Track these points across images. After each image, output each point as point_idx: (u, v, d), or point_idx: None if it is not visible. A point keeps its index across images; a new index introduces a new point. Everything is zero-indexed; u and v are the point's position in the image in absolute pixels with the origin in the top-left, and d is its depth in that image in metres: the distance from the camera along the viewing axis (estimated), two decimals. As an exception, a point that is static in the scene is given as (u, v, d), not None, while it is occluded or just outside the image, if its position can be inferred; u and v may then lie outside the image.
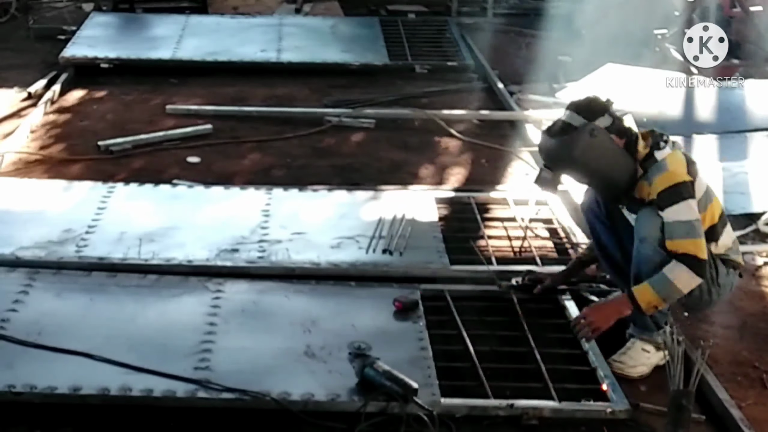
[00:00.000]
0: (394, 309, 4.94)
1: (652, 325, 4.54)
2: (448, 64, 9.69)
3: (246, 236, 5.69)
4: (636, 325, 4.60)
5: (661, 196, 4.33)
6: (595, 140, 4.34)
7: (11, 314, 4.73)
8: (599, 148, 4.37)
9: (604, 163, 4.41)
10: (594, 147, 4.36)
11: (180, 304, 4.96)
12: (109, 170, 6.87)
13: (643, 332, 4.57)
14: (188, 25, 10.50)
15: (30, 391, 4.13)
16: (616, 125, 4.40)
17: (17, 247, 5.41)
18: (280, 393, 4.18)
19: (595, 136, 4.34)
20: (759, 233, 6.25)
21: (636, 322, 4.58)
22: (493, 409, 4.25)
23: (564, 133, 4.40)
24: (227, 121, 7.97)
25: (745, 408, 4.41)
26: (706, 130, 7.73)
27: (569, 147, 4.37)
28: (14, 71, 9.29)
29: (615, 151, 4.39)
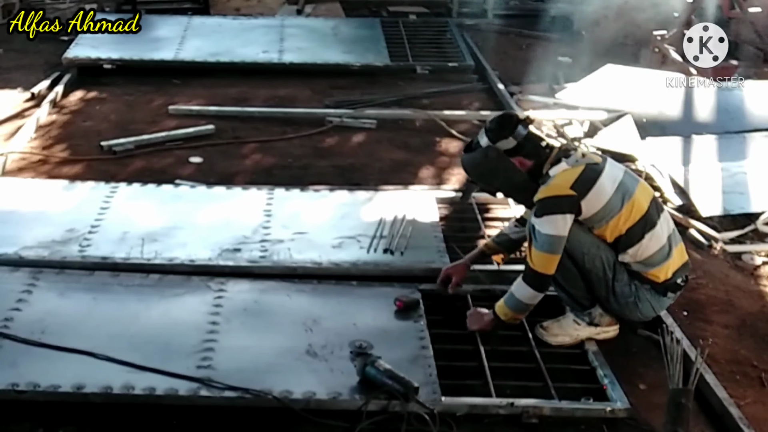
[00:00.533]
0: (395, 308, 4.95)
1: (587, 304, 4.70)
2: (448, 65, 9.69)
3: (248, 236, 5.69)
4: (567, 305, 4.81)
5: (536, 206, 4.52)
6: (490, 161, 4.58)
7: (15, 313, 4.73)
8: (495, 169, 4.60)
9: (499, 180, 4.66)
10: (489, 167, 4.61)
11: (182, 304, 4.96)
12: (112, 170, 6.88)
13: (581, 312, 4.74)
14: (190, 26, 10.50)
15: (33, 390, 4.14)
16: (520, 147, 4.56)
17: (21, 246, 5.41)
18: (282, 391, 4.18)
19: (491, 158, 4.58)
20: (757, 233, 6.25)
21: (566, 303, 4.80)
22: (494, 408, 4.25)
23: (470, 149, 4.67)
24: (229, 122, 7.97)
25: (744, 406, 4.41)
26: (705, 130, 7.72)
27: (471, 164, 4.68)
28: (18, 72, 9.31)
29: (509, 172, 4.58)
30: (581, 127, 7.92)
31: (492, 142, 4.55)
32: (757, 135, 7.61)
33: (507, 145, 4.54)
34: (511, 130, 4.55)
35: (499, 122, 4.65)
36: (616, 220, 4.52)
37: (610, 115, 7.90)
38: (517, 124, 4.59)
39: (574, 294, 4.67)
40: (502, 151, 4.54)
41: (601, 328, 4.73)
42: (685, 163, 7.05)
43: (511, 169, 4.56)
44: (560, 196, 4.45)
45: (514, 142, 4.54)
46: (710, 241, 6.07)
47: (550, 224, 4.44)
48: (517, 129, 4.56)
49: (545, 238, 4.44)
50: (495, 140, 4.55)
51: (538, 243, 4.47)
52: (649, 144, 7.31)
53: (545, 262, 4.48)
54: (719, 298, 5.20)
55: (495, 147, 4.54)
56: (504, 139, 4.54)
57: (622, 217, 4.53)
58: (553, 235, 4.43)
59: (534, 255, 4.50)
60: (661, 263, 4.61)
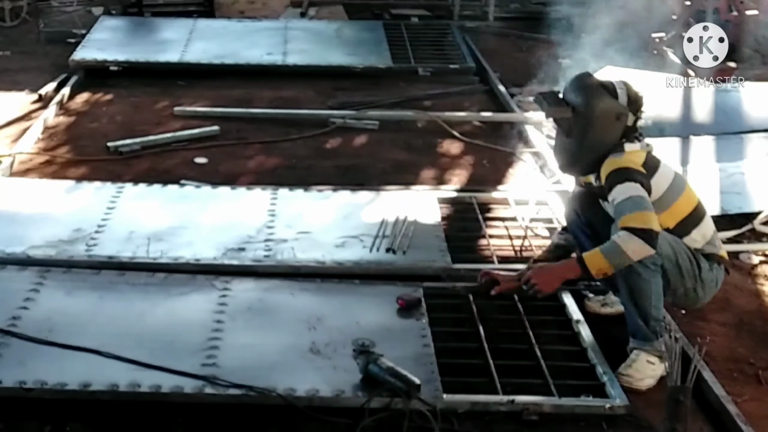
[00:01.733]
0: (398, 307, 4.95)
1: (652, 335, 4.48)
2: (450, 67, 9.69)
3: (252, 235, 5.70)
4: (636, 337, 4.53)
5: (608, 177, 4.47)
6: (611, 123, 4.52)
7: (22, 312, 4.73)
8: (608, 128, 4.54)
9: (601, 135, 4.54)
10: (607, 121, 4.53)
11: (188, 302, 4.97)
12: (118, 171, 6.88)
13: (644, 344, 4.52)
14: (196, 28, 10.51)
15: (41, 387, 4.14)
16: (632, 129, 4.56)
17: (28, 246, 5.42)
18: (286, 389, 4.18)
19: (617, 120, 4.52)
20: (755, 232, 6.25)
21: (636, 335, 4.53)
22: (495, 405, 4.25)
23: (607, 91, 4.56)
24: (234, 123, 7.97)
25: (741, 404, 4.41)
26: (703, 131, 7.72)
27: (597, 103, 4.54)
28: (25, 74, 9.31)
29: (611, 139, 4.53)
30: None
31: (631, 111, 4.58)
32: (754, 136, 7.61)
33: (629, 121, 4.57)
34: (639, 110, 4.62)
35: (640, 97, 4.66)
36: (677, 204, 4.54)
37: (610, 116, 7.88)
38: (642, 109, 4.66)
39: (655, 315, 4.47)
40: (624, 123, 4.56)
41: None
42: (684, 164, 7.04)
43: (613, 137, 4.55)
44: (635, 169, 4.44)
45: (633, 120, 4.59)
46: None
47: (632, 187, 4.38)
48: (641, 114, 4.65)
49: (633, 198, 4.36)
50: (634, 110, 4.60)
51: (632, 205, 4.35)
52: (648, 144, 7.30)
53: (644, 218, 4.32)
54: (717, 296, 5.18)
55: (627, 115, 4.55)
56: (635, 113, 4.60)
57: (683, 200, 4.57)
58: (638, 195, 4.36)
59: (629, 218, 4.33)
60: (719, 240, 4.70)
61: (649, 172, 4.50)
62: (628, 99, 4.57)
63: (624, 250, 4.32)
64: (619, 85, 4.62)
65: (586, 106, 4.55)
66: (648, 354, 4.51)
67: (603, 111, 4.52)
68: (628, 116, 4.53)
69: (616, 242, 4.34)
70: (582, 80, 4.67)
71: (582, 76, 4.71)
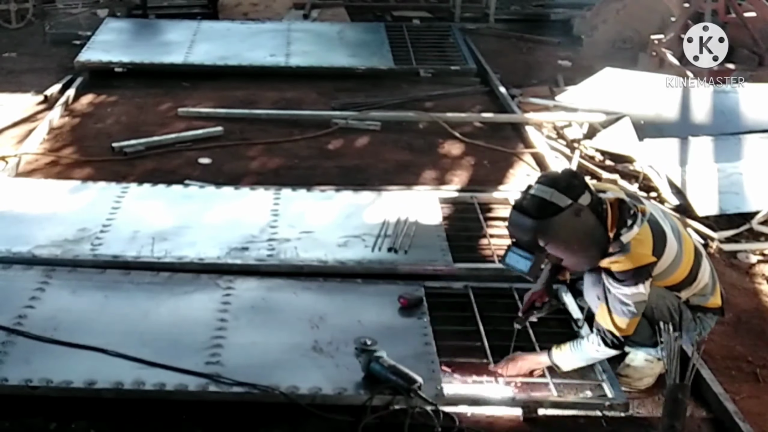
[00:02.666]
0: (399, 305, 4.96)
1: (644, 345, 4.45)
2: (451, 69, 9.67)
3: (255, 235, 5.70)
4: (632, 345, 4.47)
5: (617, 275, 4.11)
6: (579, 220, 4.01)
7: (28, 311, 4.74)
8: (583, 228, 4.03)
9: (586, 242, 4.08)
10: (578, 227, 4.02)
11: (192, 301, 4.97)
12: (123, 171, 6.88)
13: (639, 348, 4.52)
14: (199, 30, 10.50)
15: (46, 385, 4.15)
16: (594, 201, 4.06)
17: (34, 245, 5.42)
18: (289, 387, 4.19)
19: (581, 216, 4.01)
20: (752, 232, 6.25)
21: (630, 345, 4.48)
22: (495, 402, 4.25)
23: (547, 213, 3.99)
24: (237, 124, 7.97)
25: (739, 401, 4.42)
26: (702, 132, 7.70)
27: (555, 228, 4.00)
28: (31, 75, 9.30)
29: (596, 230, 4.07)
30: (580, 129, 7.91)
31: (574, 199, 3.99)
32: (752, 136, 7.59)
33: (586, 201, 4.03)
34: (584, 184, 4.09)
35: (572, 176, 4.19)
36: (681, 266, 4.29)
37: (609, 117, 7.88)
38: (583, 178, 4.19)
39: (639, 341, 4.38)
40: (587, 207, 4.02)
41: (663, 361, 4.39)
42: (682, 164, 7.04)
43: (595, 225, 4.05)
44: (645, 266, 4.10)
45: (590, 198, 4.04)
46: (706, 240, 6.07)
47: (636, 294, 4.11)
48: (586, 182, 4.13)
49: (632, 305, 4.13)
50: (576, 196, 4.01)
51: (622, 311, 4.15)
52: (647, 145, 7.30)
53: (629, 325, 4.18)
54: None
55: (581, 204, 4.00)
56: (582, 194, 4.03)
57: (684, 262, 4.30)
58: (639, 302, 4.13)
59: (617, 321, 4.17)
60: (714, 287, 4.47)
61: (659, 254, 4.16)
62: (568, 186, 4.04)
63: (591, 355, 4.36)
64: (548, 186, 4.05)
65: (546, 238, 4.03)
66: (646, 353, 4.50)
67: (561, 227, 4.00)
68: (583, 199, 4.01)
69: (585, 348, 4.34)
70: (518, 221, 4.09)
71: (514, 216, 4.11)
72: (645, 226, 4.11)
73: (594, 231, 4.05)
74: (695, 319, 4.41)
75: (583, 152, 7.49)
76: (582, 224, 4.01)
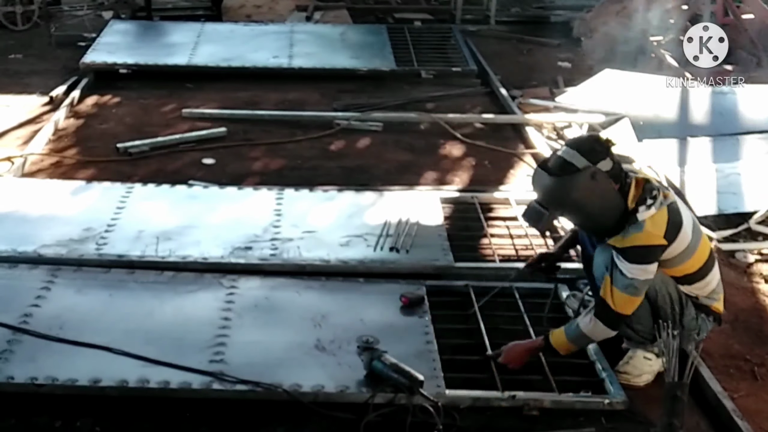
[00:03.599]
0: (401, 304, 4.95)
1: (643, 340, 4.45)
2: (452, 70, 9.67)
3: (259, 235, 5.70)
4: (631, 340, 4.50)
5: (627, 251, 4.14)
6: (595, 183, 4.08)
7: (34, 309, 4.74)
8: (598, 192, 4.10)
9: (600, 206, 4.15)
10: (594, 190, 4.09)
11: (195, 300, 4.97)
12: (128, 171, 6.88)
13: (638, 346, 4.52)
14: (203, 32, 10.49)
15: (52, 383, 4.16)
16: (615, 170, 4.14)
17: (40, 245, 5.42)
18: (292, 385, 4.20)
19: (597, 180, 4.08)
20: (750, 231, 6.25)
21: (630, 338, 4.49)
22: (496, 401, 4.26)
23: (564, 172, 4.10)
24: (241, 125, 7.97)
25: (737, 399, 4.43)
26: (700, 132, 7.71)
27: (569, 187, 4.10)
28: (36, 77, 9.31)
29: (612, 197, 4.13)
30: (580, 130, 7.91)
31: (593, 163, 4.07)
32: (750, 137, 7.60)
33: (606, 167, 4.10)
34: (607, 151, 4.14)
35: (594, 140, 4.25)
36: (692, 260, 4.29)
37: (608, 118, 7.89)
38: (610, 146, 4.19)
39: (640, 330, 4.39)
40: (605, 173, 4.09)
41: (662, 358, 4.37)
42: (681, 165, 7.04)
43: (613, 194, 4.12)
44: (655, 246, 4.12)
45: (611, 164, 4.11)
46: (705, 240, 6.07)
47: (641, 271, 4.13)
48: (611, 150, 4.17)
49: (634, 282, 4.14)
50: (595, 160, 4.08)
51: (624, 285, 4.15)
52: (646, 146, 7.30)
53: (628, 303, 4.19)
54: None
55: (600, 168, 4.08)
56: (603, 160, 4.10)
57: (696, 256, 4.30)
58: (643, 280, 4.15)
59: (617, 295, 4.17)
60: (719, 294, 4.47)
61: (671, 239, 4.16)
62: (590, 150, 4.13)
63: (588, 335, 4.33)
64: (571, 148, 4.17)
65: (559, 196, 4.16)
66: (644, 350, 4.51)
67: (575, 186, 4.10)
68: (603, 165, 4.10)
69: (581, 329, 4.31)
70: (538, 177, 4.24)
71: (536, 173, 4.26)
72: (663, 209, 4.13)
73: (608, 196, 4.12)
74: (696, 318, 4.41)
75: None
76: (596, 187, 4.09)
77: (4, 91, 8.83)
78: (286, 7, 12.11)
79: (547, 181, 4.16)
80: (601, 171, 4.08)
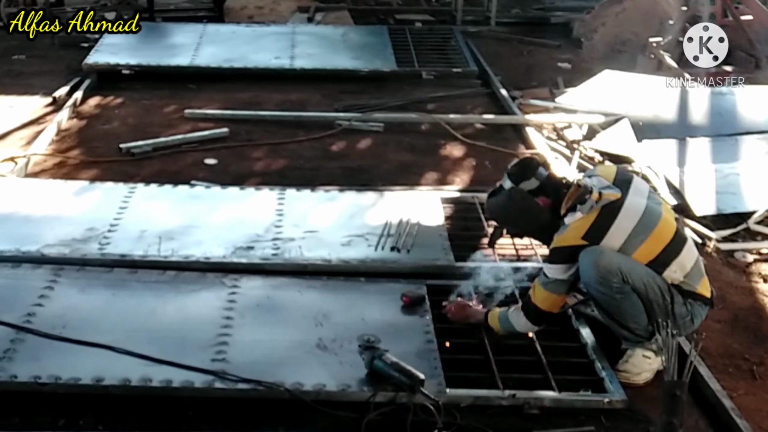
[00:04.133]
0: (402, 304, 4.96)
1: (640, 339, 4.48)
2: (453, 71, 9.68)
3: (261, 234, 5.70)
4: (627, 341, 4.53)
5: (550, 252, 4.54)
6: (515, 202, 4.56)
7: (37, 309, 4.74)
8: (520, 209, 4.58)
9: (525, 220, 4.63)
10: (515, 208, 4.59)
11: (198, 299, 4.97)
12: (130, 171, 6.88)
13: (636, 345, 4.53)
14: (205, 33, 10.50)
15: (55, 382, 4.16)
16: (542, 187, 4.53)
17: (43, 244, 5.43)
18: (294, 383, 4.19)
19: (516, 199, 4.55)
20: (749, 231, 6.25)
21: (627, 338, 4.52)
22: (496, 399, 4.25)
23: (494, 194, 4.67)
24: (243, 125, 7.97)
25: (736, 398, 4.42)
26: (699, 133, 7.71)
27: (497, 206, 4.69)
28: (40, 77, 9.31)
29: (535, 211, 4.55)
30: (580, 130, 7.92)
31: (515, 183, 4.54)
32: (749, 138, 7.60)
33: (530, 186, 4.52)
34: (532, 171, 4.55)
35: (521, 165, 4.67)
36: (648, 244, 4.37)
37: (608, 118, 7.89)
38: (538, 166, 4.60)
39: (635, 328, 4.44)
40: (525, 192, 4.53)
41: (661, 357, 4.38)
42: (680, 165, 7.04)
43: (535, 209, 4.54)
44: (570, 246, 4.39)
45: (536, 183, 4.52)
46: (704, 240, 6.07)
47: (556, 270, 4.45)
48: (538, 170, 4.56)
49: (550, 279, 4.47)
50: (518, 182, 4.53)
51: (543, 282, 4.50)
52: (645, 146, 7.30)
53: (546, 299, 4.50)
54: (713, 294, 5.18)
55: (519, 188, 4.53)
56: (526, 180, 4.53)
57: (653, 239, 4.38)
58: (558, 279, 4.45)
59: (537, 291, 4.51)
60: (702, 277, 4.52)
61: (593, 240, 4.33)
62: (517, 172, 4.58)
63: (512, 323, 4.63)
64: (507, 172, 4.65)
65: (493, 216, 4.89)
66: (643, 349, 4.51)
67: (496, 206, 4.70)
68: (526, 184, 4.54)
69: (508, 316, 4.65)
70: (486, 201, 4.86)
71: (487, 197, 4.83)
72: (593, 214, 4.36)
73: (529, 211, 4.57)
74: (686, 304, 4.44)
75: (582, 153, 7.48)
76: (515, 205, 4.58)
77: (8, 92, 8.84)
78: (287, 8, 12.12)
79: (485, 202, 4.89)
80: (520, 190, 4.54)
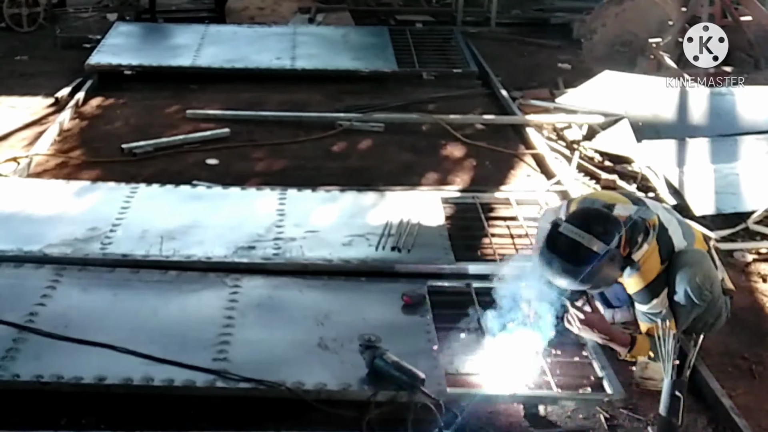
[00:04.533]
0: (403, 303, 4.96)
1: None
2: (453, 71, 9.68)
3: (262, 234, 5.70)
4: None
5: (636, 294, 4.33)
6: (613, 264, 4.19)
7: (39, 308, 4.74)
8: (615, 267, 4.23)
9: (615, 278, 4.31)
10: (613, 268, 4.21)
11: (199, 299, 4.97)
12: (132, 172, 6.89)
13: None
14: (207, 34, 10.50)
15: (57, 381, 4.16)
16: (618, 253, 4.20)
17: (45, 244, 5.43)
18: (295, 382, 4.19)
19: (617, 261, 4.20)
20: (749, 231, 6.26)
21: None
22: (496, 398, 4.25)
23: (586, 259, 4.12)
24: (244, 125, 7.97)
25: (736, 397, 4.43)
26: (699, 133, 7.70)
27: (597, 274, 4.17)
28: (42, 78, 9.31)
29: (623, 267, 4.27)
30: (580, 131, 7.92)
31: (607, 243, 4.11)
32: (748, 138, 7.59)
33: (616, 243, 4.15)
34: (616, 226, 4.19)
35: (602, 221, 4.22)
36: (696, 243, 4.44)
37: (608, 118, 7.89)
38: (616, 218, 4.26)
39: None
40: (616, 248, 4.16)
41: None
42: (680, 165, 7.04)
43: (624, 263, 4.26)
44: (657, 277, 4.26)
45: (619, 237, 4.17)
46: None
47: (652, 306, 4.29)
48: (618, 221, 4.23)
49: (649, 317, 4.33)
50: (609, 241, 4.12)
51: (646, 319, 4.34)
52: (645, 146, 7.30)
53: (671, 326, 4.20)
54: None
55: (617, 250, 4.16)
56: (613, 237, 4.15)
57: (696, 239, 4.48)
58: (656, 313, 4.29)
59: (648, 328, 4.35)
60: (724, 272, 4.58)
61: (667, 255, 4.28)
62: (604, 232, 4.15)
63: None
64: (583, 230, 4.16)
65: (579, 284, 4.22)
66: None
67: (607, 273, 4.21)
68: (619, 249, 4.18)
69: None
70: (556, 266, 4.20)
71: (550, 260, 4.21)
72: (653, 239, 4.26)
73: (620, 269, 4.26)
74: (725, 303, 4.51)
75: (582, 153, 7.48)
76: (613, 266, 4.19)
77: (10, 93, 8.85)
78: (288, 9, 12.11)
79: (571, 271, 4.17)
80: (617, 252, 4.16)
